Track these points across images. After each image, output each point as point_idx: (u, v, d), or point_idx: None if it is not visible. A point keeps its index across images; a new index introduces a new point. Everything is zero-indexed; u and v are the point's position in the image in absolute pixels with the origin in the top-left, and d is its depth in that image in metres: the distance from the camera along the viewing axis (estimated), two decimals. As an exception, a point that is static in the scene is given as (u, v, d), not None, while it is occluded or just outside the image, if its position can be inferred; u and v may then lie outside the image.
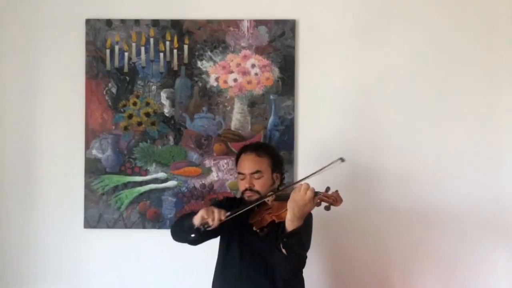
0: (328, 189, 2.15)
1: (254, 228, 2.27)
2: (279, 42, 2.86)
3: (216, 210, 2.16)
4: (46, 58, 2.88)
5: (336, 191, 2.15)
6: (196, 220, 2.17)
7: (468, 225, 2.83)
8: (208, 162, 2.86)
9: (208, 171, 2.86)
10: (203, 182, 2.86)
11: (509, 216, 2.84)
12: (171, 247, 2.80)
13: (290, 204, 2.10)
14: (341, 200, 2.13)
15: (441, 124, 2.86)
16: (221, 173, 2.86)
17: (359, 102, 2.86)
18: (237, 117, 2.87)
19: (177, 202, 2.85)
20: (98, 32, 2.87)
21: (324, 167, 2.21)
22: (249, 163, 2.35)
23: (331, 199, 2.11)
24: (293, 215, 2.10)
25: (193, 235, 2.20)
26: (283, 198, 2.23)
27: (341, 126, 2.85)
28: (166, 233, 2.80)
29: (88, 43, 2.86)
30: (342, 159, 2.22)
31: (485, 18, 2.87)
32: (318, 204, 2.12)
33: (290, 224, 2.11)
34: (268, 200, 2.27)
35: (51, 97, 2.88)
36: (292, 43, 2.85)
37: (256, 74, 2.86)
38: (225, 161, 2.85)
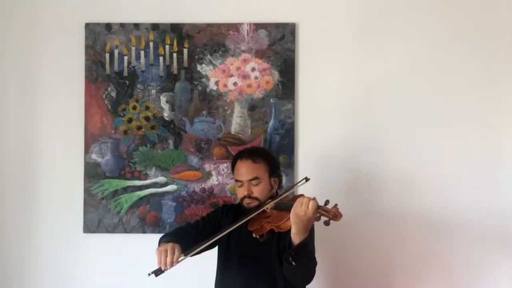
0: (327, 202, 2.11)
1: (254, 235, 2.26)
2: (279, 45, 2.85)
3: (169, 253, 2.08)
4: (46, 62, 2.88)
5: (336, 205, 2.09)
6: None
7: (470, 231, 2.82)
8: (208, 166, 2.85)
9: (208, 175, 2.85)
10: (203, 186, 2.85)
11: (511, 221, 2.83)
12: (171, 251, 2.82)
13: (294, 219, 2.06)
14: (340, 216, 2.07)
15: (443, 127, 2.84)
16: (221, 177, 2.85)
17: (360, 105, 2.85)
18: (237, 121, 2.86)
19: (177, 206, 2.84)
20: (97, 36, 2.86)
21: (290, 188, 2.31)
22: (246, 169, 2.33)
23: (331, 214, 2.06)
24: (299, 229, 2.07)
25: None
26: (282, 208, 2.21)
27: (342, 129, 2.84)
28: (166, 238, 2.82)
29: (87, 47, 2.86)
30: (306, 179, 2.23)
31: (485, 18, 2.86)
32: (318, 219, 2.08)
33: (297, 237, 2.08)
34: (267, 208, 2.25)
35: (51, 101, 2.87)
36: (292, 46, 2.85)
37: (256, 77, 2.86)
38: (225, 165, 2.84)
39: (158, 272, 2.12)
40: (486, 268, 2.82)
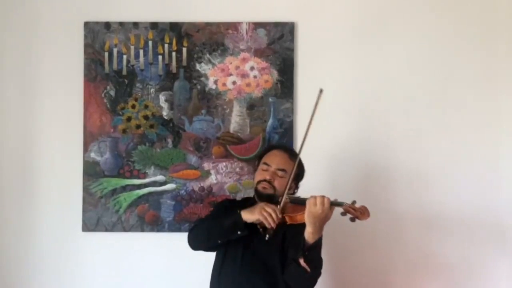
0: (354, 202, 2.14)
1: (258, 226, 2.22)
2: (278, 44, 2.85)
3: (271, 210, 2.13)
4: (45, 61, 2.88)
5: (364, 206, 2.13)
6: (250, 219, 2.17)
7: (470, 230, 2.81)
8: (207, 165, 2.85)
9: (207, 174, 2.85)
10: (202, 185, 2.85)
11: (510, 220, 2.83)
12: (170, 250, 2.83)
13: (310, 220, 2.08)
14: (368, 215, 2.11)
15: (442, 127, 2.84)
16: (220, 176, 2.85)
17: (359, 104, 2.85)
18: (236, 120, 2.86)
19: (176, 205, 2.84)
20: (96, 34, 2.86)
21: (315, 108, 2.26)
22: (280, 159, 2.35)
23: (358, 212, 2.10)
24: (316, 228, 2.08)
25: (239, 232, 2.19)
26: (297, 202, 2.22)
27: (341, 128, 2.85)
28: (165, 236, 2.82)
29: (86, 45, 2.86)
30: (321, 90, 2.25)
31: (485, 18, 2.86)
32: (344, 214, 2.11)
33: (311, 236, 2.09)
34: (280, 200, 2.23)
35: (50, 100, 2.87)
36: (291, 45, 2.85)
37: (255, 76, 2.86)
38: (224, 164, 2.84)
39: (265, 232, 2.16)
40: (485, 268, 2.82)
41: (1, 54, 2.88)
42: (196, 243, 2.33)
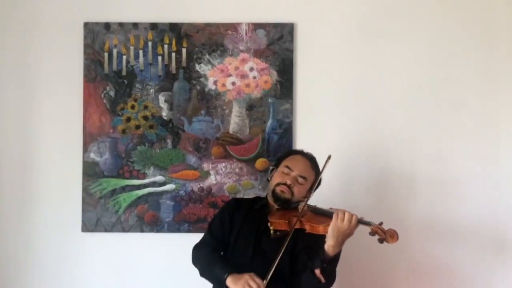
0: (381, 223, 2.11)
1: (271, 227, 2.20)
2: (277, 45, 2.85)
3: (255, 287, 2.08)
4: (44, 61, 2.88)
5: (393, 229, 2.09)
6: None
7: (473, 231, 2.80)
8: (206, 166, 2.85)
9: (206, 174, 2.85)
10: (201, 185, 2.85)
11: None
12: (169, 250, 2.83)
13: (333, 233, 2.08)
14: (397, 238, 2.07)
15: (443, 128, 2.84)
16: (219, 176, 2.85)
17: (358, 105, 2.85)
18: (235, 121, 2.86)
19: (175, 205, 2.85)
20: (96, 35, 2.86)
21: (322, 170, 2.25)
22: (304, 166, 2.35)
23: (388, 234, 2.07)
24: (337, 242, 2.09)
25: None
26: (321, 213, 2.21)
27: (340, 129, 2.84)
28: (164, 237, 2.83)
29: (86, 46, 2.86)
30: (329, 157, 2.24)
31: (485, 19, 2.85)
32: (372, 234, 2.09)
33: (332, 249, 2.09)
34: (299, 208, 2.23)
35: (49, 100, 2.88)
36: (290, 46, 2.85)
37: (254, 77, 2.86)
38: (223, 164, 2.84)
39: None
40: (487, 271, 2.81)
41: (1, 54, 2.89)
42: (195, 266, 2.34)
